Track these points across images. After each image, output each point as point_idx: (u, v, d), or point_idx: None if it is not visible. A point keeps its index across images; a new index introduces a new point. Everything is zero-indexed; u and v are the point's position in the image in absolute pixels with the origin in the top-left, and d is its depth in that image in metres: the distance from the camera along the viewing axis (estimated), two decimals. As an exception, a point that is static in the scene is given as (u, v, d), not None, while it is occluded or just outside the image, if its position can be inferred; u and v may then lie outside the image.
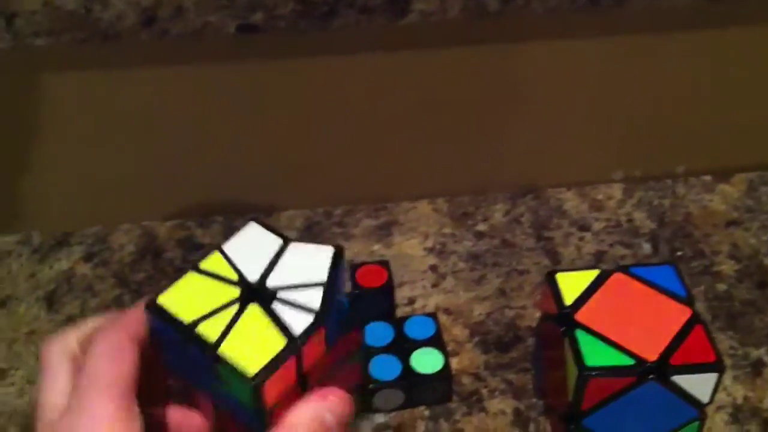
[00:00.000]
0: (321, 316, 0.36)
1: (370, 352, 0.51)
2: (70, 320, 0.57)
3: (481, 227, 0.64)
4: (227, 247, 0.38)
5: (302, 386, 0.36)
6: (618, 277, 0.48)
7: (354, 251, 0.61)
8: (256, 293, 0.36)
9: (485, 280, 0.60)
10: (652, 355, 0.44)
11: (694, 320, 0.46)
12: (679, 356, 0.44)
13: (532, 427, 0.50)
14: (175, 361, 0.37)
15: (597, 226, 0.64)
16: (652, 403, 0.45)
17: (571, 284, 0.48)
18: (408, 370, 0.50)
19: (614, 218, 0.64)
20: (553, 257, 0.61)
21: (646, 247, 0.62)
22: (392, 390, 0.50)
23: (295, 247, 0.38)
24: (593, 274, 0.48)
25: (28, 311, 0.58)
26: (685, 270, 0.59)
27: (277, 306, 0.36)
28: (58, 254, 0.61)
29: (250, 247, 0.38)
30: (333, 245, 0.38)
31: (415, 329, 0.53)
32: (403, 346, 0.51)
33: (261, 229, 0.39)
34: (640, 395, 0.44)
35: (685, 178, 0.68)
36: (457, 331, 0.56)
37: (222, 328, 0.35)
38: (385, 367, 0.50)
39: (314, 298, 0.36)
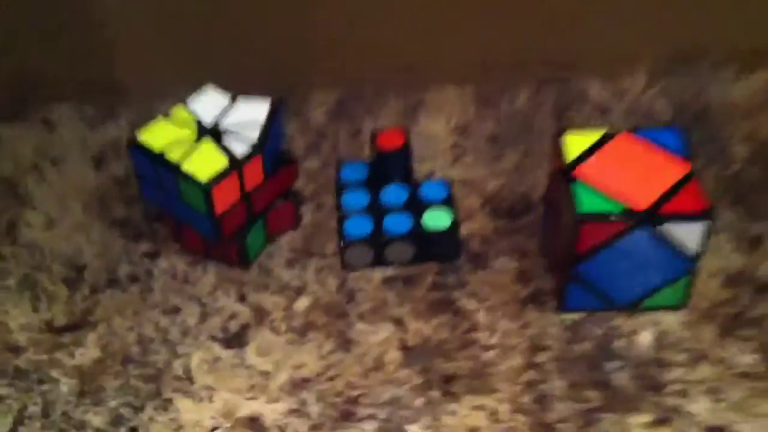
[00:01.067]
0: (258, 146, 0.51)
1: (386, 209, 0.55)
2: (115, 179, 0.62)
3: (505, 110, 0.67)
4: (190, 100, 0.53)
5: (247, 204, 0.52)
6: (623, 136, 0.51)
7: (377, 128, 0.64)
8: (210, 130, 0.52)
9: (503, 157, 0.63)
10: (643, 204, 0.47)
11: (690, 175, 0.48)
12: (670, 206, 0.47)
13: (533, 284, 0.54)
14: (151, 190, 0.52)
15: (617, 110, 0.66)
16: (643, 253, 0.48)
17: (578, 143, 0.50)
18: (418, 227, 0.54)
19: (635, 105, 0.66)
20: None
21: (663, 132, 0.64)
22: (403, 243, 0.54)
23: (244, 100, 0.53)
24: (599, 133, 0.51)
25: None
26: (700, 153, 0.61)
27: (225, 139, 0.51)
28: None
29: (208, 100, 0.53)
30: (272, 97, 0.53)
31: (429, 192, 0.56)
32: (416, 206, 0.55)
33: (217, 90, 0.54)
34: (631, 243, 0.47)
35: (712, 68, 0.69)
36: (471, 201, 0.59)
37: (184, 154, 0.50)
38: (398, 223, 0.54)
39: (254, 134, 0.51)
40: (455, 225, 0.54)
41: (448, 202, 0.56)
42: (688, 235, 0.47)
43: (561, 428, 0.46)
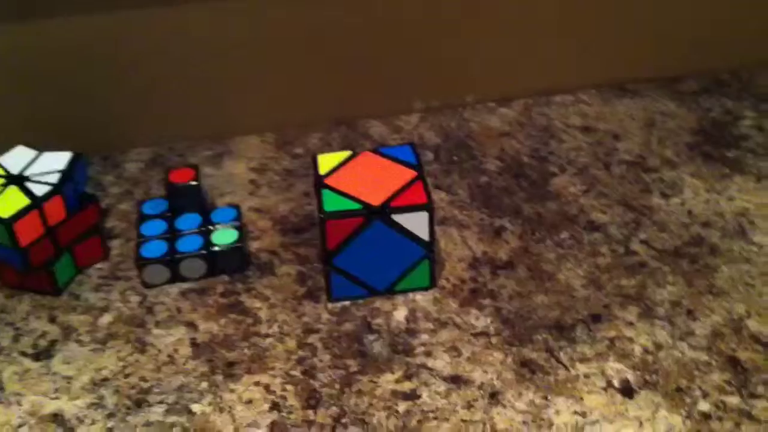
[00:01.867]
0: (57, 187, 0.60)
1: (179, 233, 0.64)
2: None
3: (298, 150, 0.77)
4: (1, 157, 0.63)
5: (52, 238, 0.61)
6: (366, 154, 0.62)
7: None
8: (15, 179, 0.60)
9: (294, 187, 0.73)
10: (377, 201, 0.57)
11: (416, 179, 0.59)
12: (398, 201, 0.57)
13: (310, 284, 0.63)
14: None
15: (393, 143, 0.77)
16: (384, 243, 0.58)
17: (330, 161, 0.61)
18: (209, 244, 0.63)
19: (407, 137, 0.78)
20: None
21: (429, 155, 0.75)
22: (194, 260, 0.62)
23: (48, 154, 0.63)
24: (347, 153, 0.62)
25: None
26: (457, 170, 0.73)
27: (28, 185, 0.60)
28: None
29: (17, 156, 0.63)
30: (73, 152, 0.63)
31: (219, 216, 0.65)
32: (207, 228, 0.64)
33: (26, 148, 0.63)
34: (372, 234, 0.57)
35: (473, 105, 0.82)
36: (263, 223, 0.69)
37: None
38: (189, 243, 0.63)
39: (54, 179, 0.60)
40: (240, 239, 0.63)
41: (236, 222, 0.65)
42: (417, 224, 0.57)
43: (324, 391, 0.55)
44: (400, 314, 0.60)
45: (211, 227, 0.64)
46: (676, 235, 0.65)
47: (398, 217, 0.57)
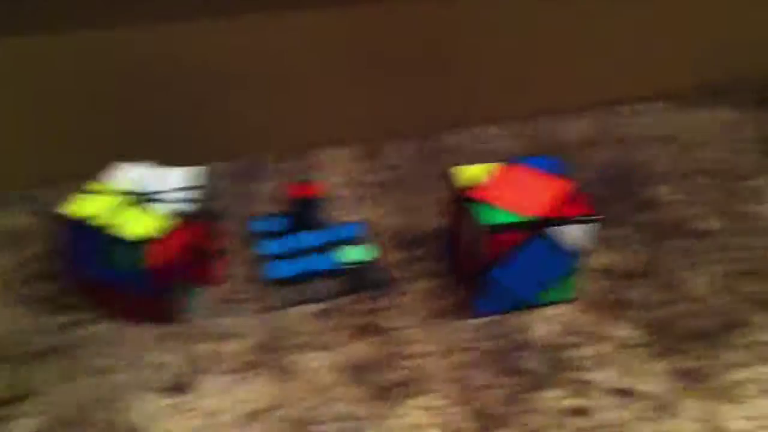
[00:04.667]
0: (188, 207, 0.55)
1: (307, 251, 0.61)
2: None
3: (394, 161, 0.75)
4: (109, 174, 0.58)
5: (180, 260, 0.56)
6: (510, 165, 0.60)
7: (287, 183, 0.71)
8: (145, 197, 0.56)
9: (398, 199, 0.70)
10: (542, 213, 0.56)
11: (576, 191, 0.58)
12: (564, 212, 0.56)
13: (447, 297, 0.61)
14: (83, 263, 0.56)
15: (484, 155, 0.76)
16: (542, 255, 0.57)
17: (472, 174, 0.59)
18: (342, 262, 0.60)
19: (493, 147, 0.77)
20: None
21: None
22: (328, 279, 0.60)
23: (170, 170, 0.59)
24: (489, 165, 0.60)
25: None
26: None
27: (156, 205, 0.56)
28: None
29: (140, 172, 0.58)
30: (198, 166, 0.57)
31: (344, 232, 0.63)
32: (335, 245, 0.62)
33: (147, 164, 0.59)
34: (534, 247, 0.56)
35: (549, 115, 0.81)
36: (379, 239, 0.66)
37: (116, 220, 0.54)
38: (320, 261, 0.60)
39: (183, 197, 0.56)
40: (376, 256, 0.61)
41: (366, 239, 0.62)
42: (579, 237, 0.56)
43: (493, 411, 0.53)
44: (549, 328, 0.59)
45: (338, 243, 0.62)
46: (790, 240, 0.67)
47: (563, 229, 0.56)
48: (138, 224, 0.55)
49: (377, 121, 0.77)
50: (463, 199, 0.57)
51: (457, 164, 0.72)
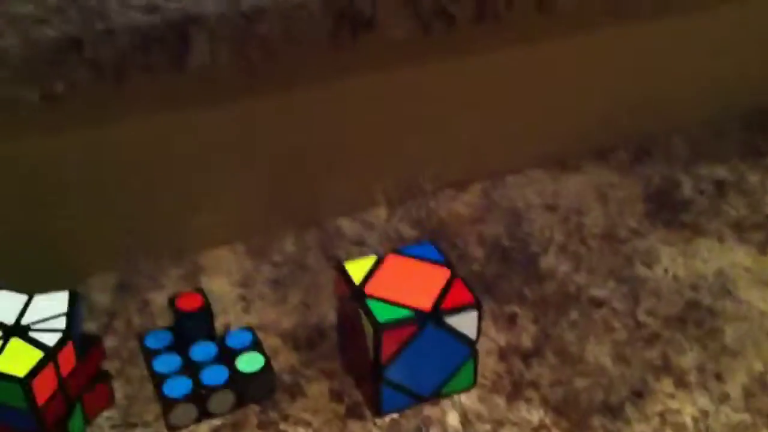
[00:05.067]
0: (67, 333, 0.52)
1: (199, 365, 0.58)
2: None
3: (277, 258, 0.74)
4: None
5: (64, 392, 0.53)
6: (391, 256, 0.60)
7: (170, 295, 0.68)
8: (14, 330, 0.53)
9: (289, 298, 0.69)
10: (426, 306, 0.55)
11: (452, 277, 0.58)
12: (447, 303, 0.56)
13: (347, 399, 0.59)
14: None
15: (371, 240, 0.76)
16: (434, 346, 0.56)
17: (357, 269, 0.59)
18: (235, 373, 0.58)
19: (384, 233, 0.77)
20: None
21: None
22: (223, 392, 0.57)
23: (39, 297, 0.55)
24: (373, 258, 0.60)
25: None
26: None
27: (32, 334, 0.52)
28: None
29: (3, 301, 0.55)
30: (69, 290, 0.55)
31: (235, 341, 0.61)
32: (227, 356, 0.59)
33: (10, 292, 0.55)
34: (424, 339, 0.55)
35: (433, 193, 0.82)
36: (271, 342, 0.64)
37: None
38: (213, 375, 0.57)
39: (60, 324, 0.53)
40: (268, 363, 0.59)
41: (255, 345, 0.60)
42: (465, 323, 0.57)
43: None
44: (454, 419, 0.58)
45: (230, 353, 0.59)
46: (673, 302, 0.69)
47: (450, 319, 0.56)
48: (20, 360, 0.51)
49: (258, 217, 0.75)
50: (353, 297, 0.56)
51: (344, 257, 0.72)
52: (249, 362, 0.58)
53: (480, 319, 0.57)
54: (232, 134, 0.71)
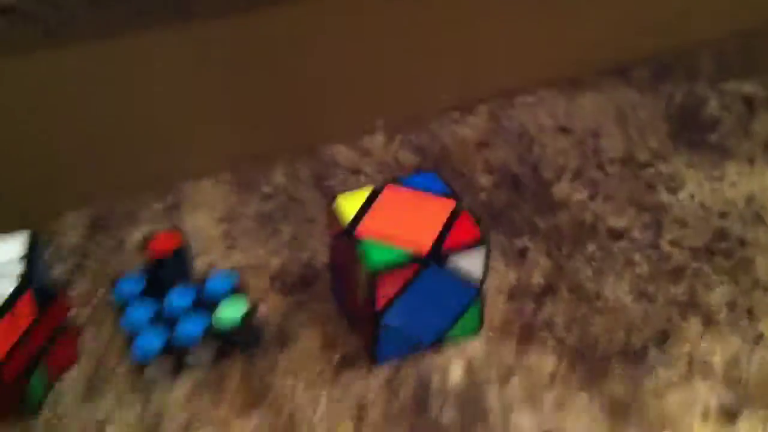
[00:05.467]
0: (25, 280, 0.47)
1: (175, 315, 0.53)
2: None
3: (266, 189, 0.67)
4: None
5: (22, 348, 0.47)
6: (389, 189, 0.53)
7: (145, 235, 0.62)
8: None
9: (278, 234, 0.63)
10: (426, 245, 0.49)
11: (457, 209, 0.52)
12: (450, 241, 0.50)
13: (340, 347, 0.54)
14: None
15: (368, 169, 0.69)
16: (436, 290, 0.50)
17: (351, 203, 0.52)
18: (217, 322, 0.52)
19: (382, 160, 0.70)
20: (334, 202, 0.65)
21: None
22: (203, 345, 0.51)
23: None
24: (368, 190, 0.53)
25: None
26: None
27: None
28: None
29: None
30: (29, 231, 0.50)
31: (215, 286, 0.55)
32: (207, 302, 0.53)
33: None
34: (424, 282, 0.49)
35: (436, 116, 0.75)
36: (258, 284, 0.58)
37: None
38: (191, 325, 0.52)
39: (16, 269, 0.47)
40: (251, 311, 0.53)
41: (237, 291, 0.55)
42: (471, 263, 0.50)
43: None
44: (458, 369, 0.53)
45: (210, 300, 0.54)
46: (700, 232, 0.63)
47: (453, 260, 0.50)
48: None
49: (246, 145, 0.69)
50: (345, 236, 0.50)
51: (339, 188, 0.66)
52: (231, 309, 0.53)
53: (487, 257, 0.51)
54: (217, 51, 0.63)
